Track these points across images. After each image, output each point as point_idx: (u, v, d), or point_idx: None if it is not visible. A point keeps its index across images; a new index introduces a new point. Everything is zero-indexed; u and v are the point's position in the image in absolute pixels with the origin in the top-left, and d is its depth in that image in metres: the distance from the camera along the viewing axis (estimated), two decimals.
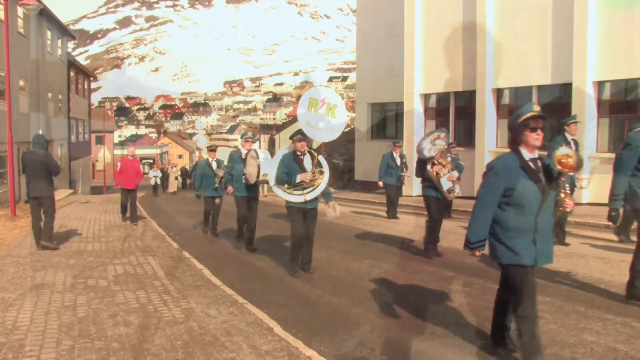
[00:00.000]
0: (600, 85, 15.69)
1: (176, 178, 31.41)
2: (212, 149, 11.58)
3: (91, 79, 39.31)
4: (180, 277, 6.98)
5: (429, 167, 8.06)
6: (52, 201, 9.09)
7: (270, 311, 5.58)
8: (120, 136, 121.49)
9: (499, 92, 18.60)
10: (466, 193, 18.05)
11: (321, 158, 7.38)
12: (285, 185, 7.08)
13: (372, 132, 26.39)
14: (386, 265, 7.68)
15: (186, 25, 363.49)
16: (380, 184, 13.28)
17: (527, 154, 3.94)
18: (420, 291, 6.36)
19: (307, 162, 7.19)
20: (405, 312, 5.59)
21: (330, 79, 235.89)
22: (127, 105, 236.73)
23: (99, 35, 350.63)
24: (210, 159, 11.18)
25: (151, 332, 4.81)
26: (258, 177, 8.36)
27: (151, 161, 59.34)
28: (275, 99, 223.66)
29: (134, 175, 12.97)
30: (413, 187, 19.29)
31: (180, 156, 78.39)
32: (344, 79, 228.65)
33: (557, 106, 17.08)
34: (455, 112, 20.31)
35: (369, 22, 26.13)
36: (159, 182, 29.46)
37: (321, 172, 7.24)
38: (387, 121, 26.30)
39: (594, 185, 14.96)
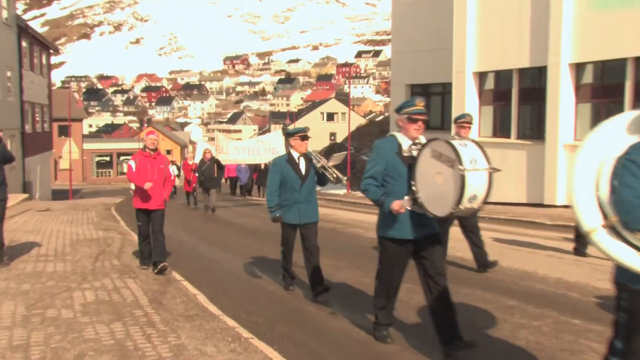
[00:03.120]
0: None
1: None
2: (303, 137, 7.73)
3: (51, 51, 39.51)
4: (168, 305, 7.01)
5: None
6: (5, 206, 9.36)
7: (282, 348, 5.60)
8: (91, 126, 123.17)
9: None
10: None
11: None
12: None
13: None
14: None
15: None
16: None
17: None
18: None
19: None
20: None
21: (359, 55, 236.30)
22: (99, 86, 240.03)
23: None
24: (296, 155, 7.74)
25: None
26: (459, 203, 4.82)
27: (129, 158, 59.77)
28: (288, 80, 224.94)
29: (161, 182, 9.09)
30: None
31: (168, 151, 78.90)
32: (376, 54, 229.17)
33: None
34: (519, 94, 20.12)
35: None
36: None
37: None
38: (430, 107, 26.16)
39: None
